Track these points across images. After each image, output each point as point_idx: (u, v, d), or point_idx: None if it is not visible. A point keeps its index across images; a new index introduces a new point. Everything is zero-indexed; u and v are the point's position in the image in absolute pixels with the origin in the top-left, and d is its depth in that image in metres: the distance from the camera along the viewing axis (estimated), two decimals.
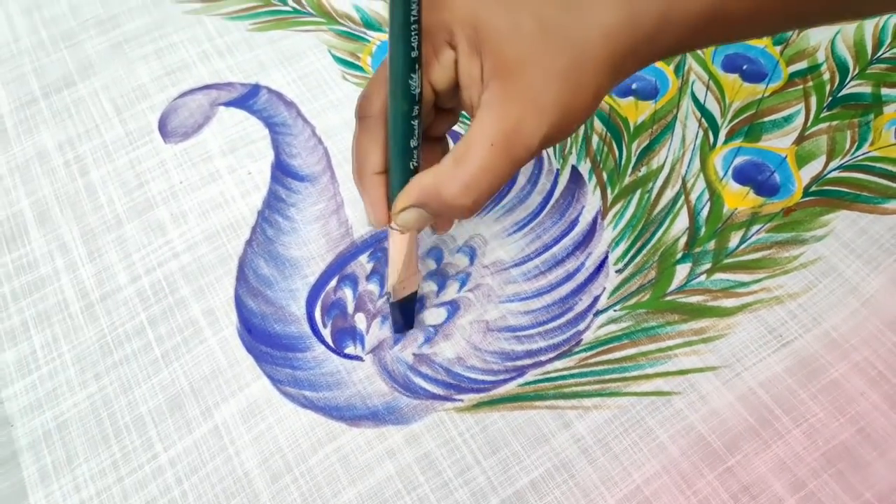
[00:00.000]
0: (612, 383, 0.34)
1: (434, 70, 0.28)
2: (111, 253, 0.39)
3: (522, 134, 0.26)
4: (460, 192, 0.27)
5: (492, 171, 0.26)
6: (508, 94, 0.26)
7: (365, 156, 0.30)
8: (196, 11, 0.50)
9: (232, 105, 0.45)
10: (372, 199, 0.30)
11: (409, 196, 0.28)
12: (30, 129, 0.45)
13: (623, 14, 0.26)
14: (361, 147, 0.30)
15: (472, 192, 0.27)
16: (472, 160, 0.26)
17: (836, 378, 0.33)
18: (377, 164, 0.30)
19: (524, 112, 0.26)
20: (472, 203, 0.27)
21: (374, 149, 0.30)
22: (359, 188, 0.31)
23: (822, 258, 0.37)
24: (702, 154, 0.41)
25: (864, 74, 0.44)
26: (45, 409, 0.34)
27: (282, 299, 0.36)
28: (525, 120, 0.26)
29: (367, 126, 0.29)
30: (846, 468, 0.31)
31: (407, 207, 0.29)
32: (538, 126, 0.26)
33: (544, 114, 0.26)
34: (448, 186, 0.27)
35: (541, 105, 0.26)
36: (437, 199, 0.27)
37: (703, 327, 0.35)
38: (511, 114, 0.26)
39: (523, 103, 0.26)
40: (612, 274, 0.37)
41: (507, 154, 0.26)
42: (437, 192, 0.27)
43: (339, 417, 0.33)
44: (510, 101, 0.26)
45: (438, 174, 0.27)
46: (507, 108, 0.26)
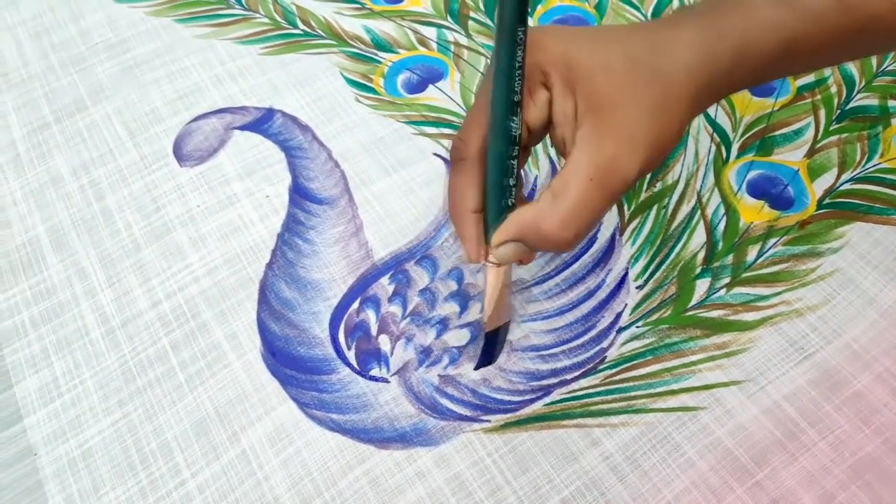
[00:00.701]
0: (638, 400, 0.34)
1: (529, 110, 0.29)
2: (130, 278, 0.39)
3: (619, 168, 0.27)
4: (560, 226, 0.27)
5: (590, 205, 0.27)
6: (603, 131, 0.27)
7: (461, 196, 0.31)
8: (207, 36, 0.51)
9: (247, 129, 0.45)
10: (469, 236, 0.31)
11: (507, 231, 0.29)
12: (43, 154, 0.45)
13: (703, 52, 0.27)
14: (458, 188, 0.31)
15: (572, 226, 0.27)
16: (570, 195, 0.27)
17: (859, 389, 0.34)
18: (474, 203, 0.31)
19: (619, 147, 0.27)
20: (572, 237, 0.28)
21: (470, 189, 0.30)
22: (456, 226, 0.32)
23: (838, 270, 0.37)
24: (715, 168, 0.41)
25: (870, 87, 0.45)
26: (68, 437, 0.34)
27: (305, 322, 0.36)
28: (620, 154, 0.27)
29: (463, 168, 0.30)
30: (873, 479, 0.31)
31: (505, 242, 0.29)
32: (633, 159, 0.27)
33: (638, 147, 0.27)
34: (548, 221, 0.28)
35: (634, 139, 0.27)
36: (536, 234, 0.28)
37: (726, 341, 0.35)
38: (607, 149, 0.27)
39: (618, 138, 0.27)
40: (632, 290, 0.37)
41: (604, 188, 0.27)
42: (537, 227, 0.28)
43: (367, 440, 0.33)
44: (605, 136, 0.27)
45: (538, 209, 0.28)
46: (602, 144, 0.27)
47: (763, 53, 0.28)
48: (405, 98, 0.46)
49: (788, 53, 0.28)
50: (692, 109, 0.28)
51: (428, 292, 0.37)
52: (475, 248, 0.31)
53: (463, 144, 0.30)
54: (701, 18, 0.28)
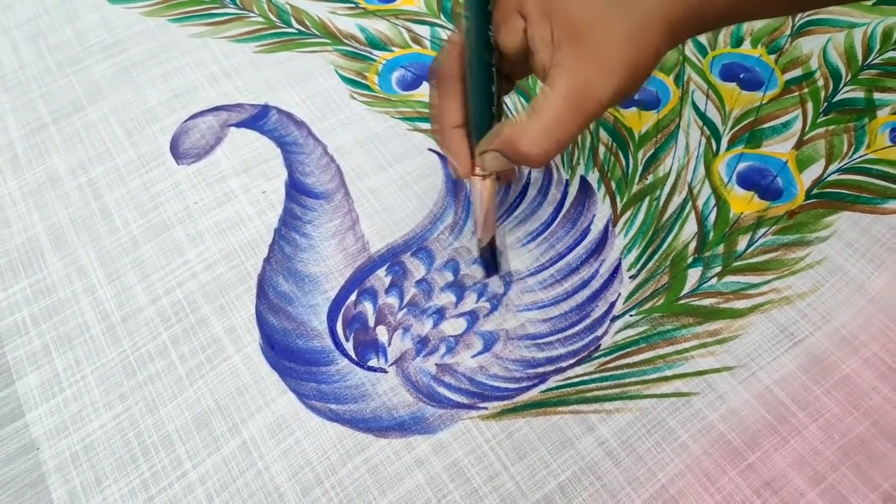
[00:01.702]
0: (632, 386, 0.34)
1: (502, 34, 0.30)
2: (130, 274, 0.39)
3: (594, 90, 0.28)
4: (533, 141, 0.29)
5: (564, 123, 0.29)
6: (579, 55, 0.28)
7: (445, 112, 0.32)
8: (201, 35, 0.51)
9: (243, 126, 0.45)
10: (455, 151, 0.33)
11: (490, 141, 0.31)
12: (41, 155, 0.45)
13: None
14: (441, 106, 0.32)
15: (544, 142, 0.29)
16: (546, 112, 0.29)
17: (847, 374, 0.34)
18: (457, 118, 0.32)
19: (594, 70, 0.28)
20: (542, 151, 0.29)
21: (452, 105, 0.32)
22: (441, 144, 0.33)
23: (827, 258, 0.38)
24: (706, 161, 0.42)
25: (856, 80, 0.46)
26: (70, 431, 0.34)
27: (303, 315, 0.37)
28: (596, 77, 0.28)
29: (445, 86, 0.32)
30: (863, 460, 0.32)
31: (488, 150, 0.31)
32: (608, 83, 0.28)
33: (613, 72, 0.28)
34: (523, 136, 0.29)
35: (610, 64, 0.28)
36: (513, 148, 0.30)
37: (718, 329, 0.36)
38: (583, 71, 0.28)
39: (594, 62, 0.28)
40: (626, 280, 0.38)
41: (578, 108, 0.28)
42: (514, 141, 0.29)
43: (366, 429, 0.34)
44: (581, 60, 0.28)
45: (516, 125, 0.30)
46: (578, 67, 0.28)
47: None
48: (400, 95, 0.47)
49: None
50: (667, 39, 0.29)
51: (424, 283, 0.38)
52: (464, 161, 0.32)
53: (442, 64, 0.32)
54: None
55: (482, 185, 0.33)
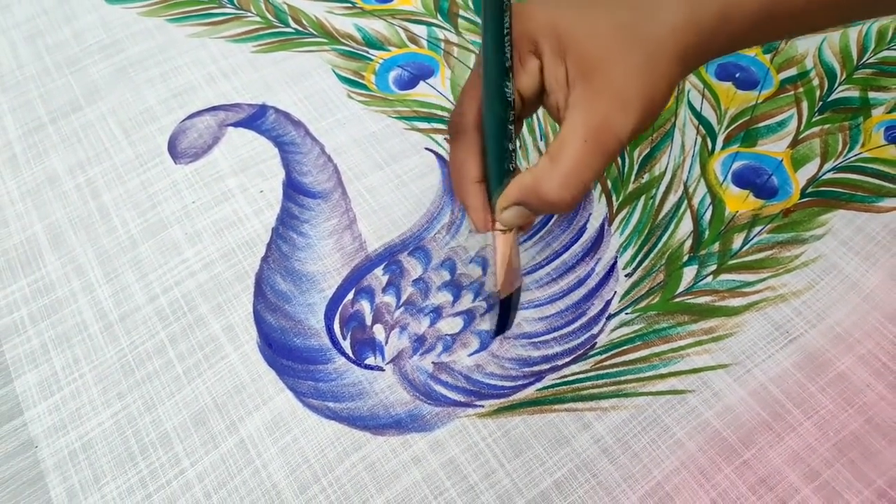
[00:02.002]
0: (627, 384, 0.34)
1: (521, 78, 0.30)
2: (127, 273, 0.40)
3: (612, 127, 0.28)
4: (559, 188, 0.28)
5: (587, 165, 0.28)
6: (594, 93, 0.28)
7: (463, 167, 0.31)
8: (199, 35, 0.51)
9: (240, 125, 0.46)
10: (475, 206, 0.32)
11: (510, 196, 0.30)
12: (39, 154, 0.45)
13: (687, 12, 0.28)
14: (459, 159, 0.32)
15: (570, 187, 0.28)
16: (567, 157, 0.28)
17: (842, 371, 0.34)
18: (476, 173, 0.31)
19: (611, 107, 0.28)
20: (570, 198, 0.28)
21: (471, 160, 0.31)
22: (461, 198, 0.32)
23: (822, 256, 0.38)
24: (701, 160, 0.42)
25: (851, 79, 0.46)
26: (69, 429, 0.35)
27: (300, 313, 0.37)
28: (612, 114, 0.28)
29: (463, 140, 0.31)
30: (857, 457, 0.32)
31: (509, 206, 0.30)
32: (626, 119, 0.28)
33: (629, 107, 0.28)
34: (547, 184, 0.28)
35: (625, 99, 0.28)
36: (536, 197, 0.29)
37: (713, 326, 0.36)
38: (599, 110, 0.28)
39: (609, 99, 0.28)
40: (621, 278, 0.38)
41: (599, 148, 0.28)
42: (537, 190, 0.29)
43: (363, 427, 0.34)
44: (597, 98, 0.28)
45: (537, 173, 0.29)
46: (594, 106, 0.28)
47: (746, 15, 0.29)
48: (396, 94, 0.47)
49: (770, 17, 0.29)
50: (680, 69, 0.29)
51: (421, 282, 0.38)
52: (482, 216, 0.32)
53: (460, 117, 0.31)
54: None
55: (503, 239, 0.32)
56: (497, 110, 0.29)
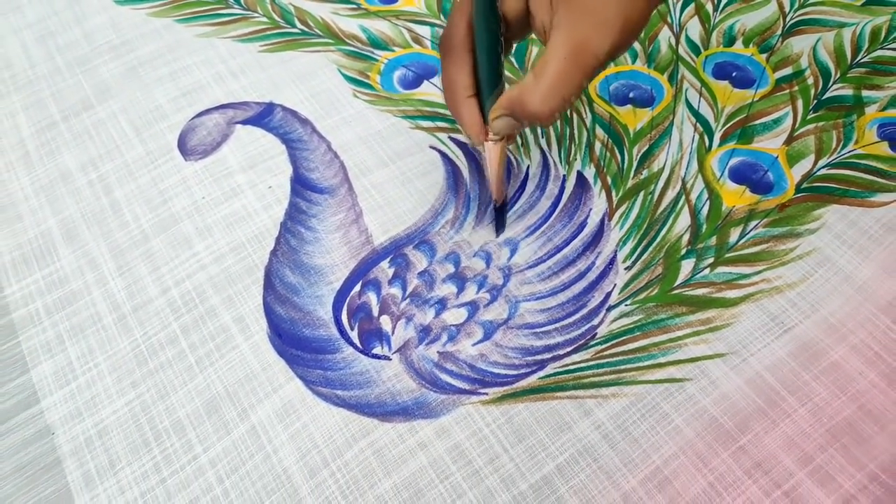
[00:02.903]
0: (627, 373, 0.36)
1: (506, 1, 0.32)
2: (140, 267, 0.41)
3: (591, 46, 0.30)
4: (541, 100, 0.31)
5: (567, 80, 0.30)
6: (575, 14, 0.30)
7: (456, 83, 0.34)
8: (207, 35, 0.52)
9: (248, 123, 0.47)
10: (468, 119, 0.34)
11: (500, 106, 0.33)
12: (52, 152, 0.46)
13: None
14: (451, 76, 0.34)
15: (551, 100, 0.31)
16: (549, 73, 0.30)
17: (835, 360, 0.36)
18: (468, 87, 0.34)
19: (590, 28, 0.30)
20: (550, 109, 0.31)
21: (463, 75, 0.34)
22: (454, 112, 0.35)
23: (816, 249, 0.39)
24: (699, 156, 0.43)
25: (845, 78, 0.47)
26: (84, 417, 0.36)
27: (309, 305, 0.38)
28: (592, 34, 0.30)
29: (453, 57, 0.33)
30: (850, 442, 0.33)
31: (499, 116, 0.33)
32: (604, 39, 0.30)
33: (608, 28, 0.30)
34: (530, 96, 0.31)
35: (604, 19, 0.30)
36: (521, 108, 0.31)
37: (710, 317, 0.37)
38: (580, 30, 0.30)
39: (589, 20, 0.30)
40: (621, 271, 0.39)
41: (578, 65, 0.30)
42: (522, 102, 0.31)
43: (370, 414, 0.35)
44: (578, 19, 0.30)
45: (522, 86, 0.31)
46: (575, 26, 0.30)
47: None
48: (401, 94, 0.48)
49: None
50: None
51: (426, 274, 0.39)
52: (477, 129, 0.34)
53: (450, 36, 0.33)
54: None
55: (495, 149, 0.35)
56: (490, 25, 0.31)
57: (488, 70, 0.33)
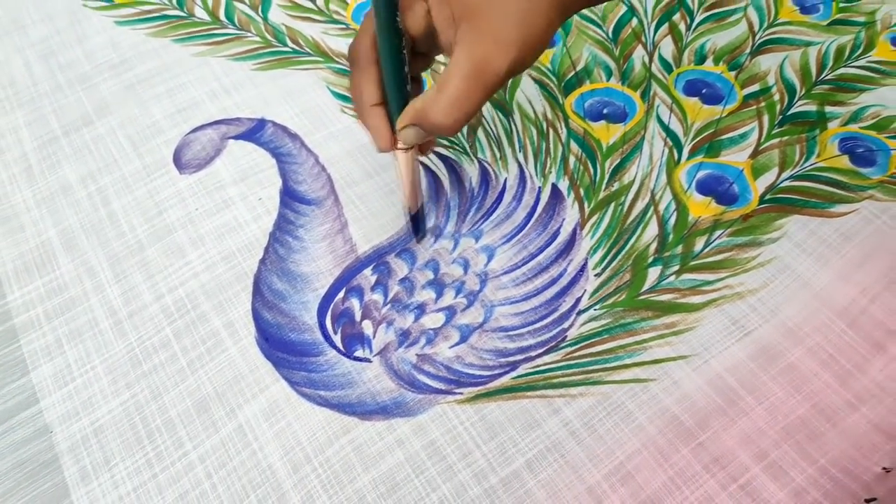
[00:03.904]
0: (594, 373, 0.38)
1: (409, 19, 0.33)
2: (136, 275, 0.43)
3: (491, 65, 0.31)
4: (443, 114, 0.32)
5: (467, 96, 0.32)
6: (476, 33, 0.31)
7: (362, 92, 0.35)
8: (202, 54, 0.55)
9: (241, 138, 0.49)
10: (375, 127, 0.35)
11: (406, 117, 0.34)
12: (53, 165, 0.49)
13: None
14: (358, 86, 0.35)
15: (452, 113, 0.32)
16: (450, 88, 0.32)
17: (792, 361, 0.38)
18: (374, 96, 0.35)
19: (490, 47, 0.31)
20: (452, 122, 0.32)
21: (368, 85, 0.35)
22: (362, 121, 0.36)
23: (777, 258, 0.41)
24: (668, 169, 0.46)
25: (809, 94, 0.50)
26: (81, 416, 0.38)
27: (295, 311, 0.40)
28: (492, 54, 0.31)
29: (360, 67, 0.35)
30: (803, 439, 0.35)
31: (407, 126, 0.34)
32: (503, 58, 0.31)
33: (507, 48, 0.31)
34: (433, 109, 0.32)
35: (503, 40, 0.31)
36: (426, 120, 0.33)
37: (674, 321, 0.39)
38: (480, 49, 0.31)
39: (489, 40, 0.31)
40: (591, 278, 0.41)
41: (478, 82, 0.31)
42: (426, 114, 0.33)
43: (351, 413, 0.37)
44: (478, 38, 0.31)
45: (426, 100, 0.33)
46: (475, 45, 0.31)
47: None
48: None
49: None
50: (559, 13, 0.32)
51: (407, 281, 0.41)
52: (383, 136, 0.35)
53: (357, 47, 0.34)
54: None
55: (404, 158, 0.37)
56: (391, 40, 0.33)
57: (393, 82, 0.34)
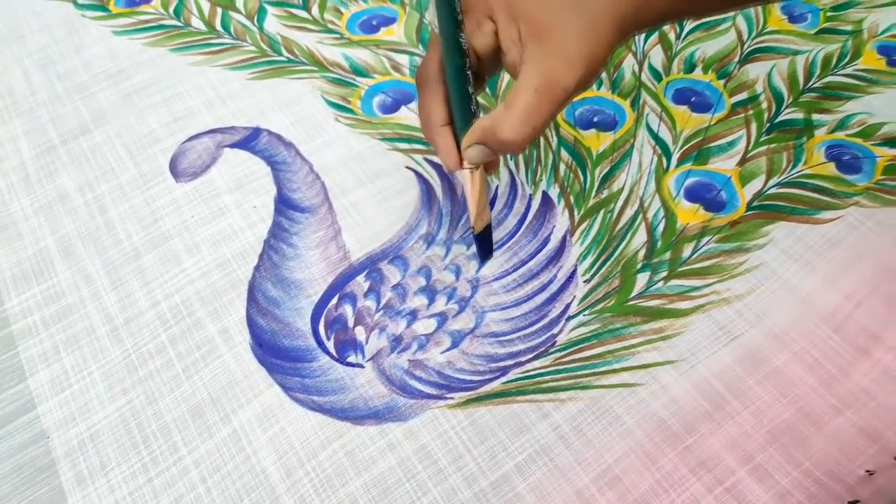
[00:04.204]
0: (583, 378, 0.38)
1: (476, 38, 0.35)
2: (132, 282, 0.43)
3: (559, 80, 0.33)
4: (512, 130, 0.33)
5: (536, 111, 0.33)
6: (544, 51, 0.33)
7: (430, 113, 0.36)
8: (199, 63, 0.56)
9: (236, 146, 0.50)
10: (443, 148, 0.37)
11: (473, 135, 0.35)
12: (51, 174, 0.49)
13: None
14: (426, 107, 0.36)
15: (522, 130, 0.33)
16: (520, 104, 0.33)
17: (778, 366, 0.38)
18: (442, 117, 0.36)
19: (558, 63, 0.33)
20: (521, 138, 0.33)
21: (437, 106, 0.36)
22: (431, 142, 0.37)
23: (763, 264, 0.42)
24: (657, 177, 0.46)
25: (797, 102, 0.50)
26: (78, 421, 0.38)
27: (289, 317, 0.41)
28: (559, 69, 0.33)
29: (427, 89, 0.36)
30: (788, 442, 0.36)
31: (472, 145, 0.35)
32: (571, 74, 0.33)
33: (574, 64, 0.33)
34: (502, 126, 0.33)
35: (570, 57, 0.33)
36: (494, 138, 0.34)
37: (662, 327, 0.40)
38: (548, 65, 0.33)
39: (557, 57, 0.33)
40: (580, 284, 0.42)
41: (548, 97, 0.33)
42: (494, 132, 0.34)
43: (344, 418, 0.37)
44: (546, 55, 0.33)
45: (494, 117, 0.34)
46: (544, 62, 0.33)
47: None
48: (380, 118, 0.51)
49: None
50: (618, 34, 0.34)
51: (399, 288, 0.42)
52: (452, 156, 0.36)
53: (424, 70, 0.36)
54: None
55: (470, 176, 0.37)
56: (455, 59, 0.34)
57: (458, 101, 0.36)
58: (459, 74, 0.35)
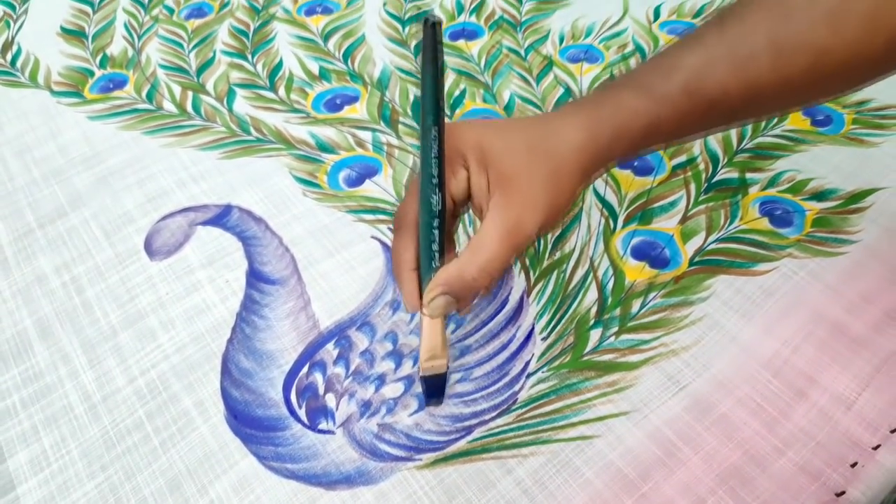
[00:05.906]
0: (544, 433, 0.40)
1: (452, 185, 0.37)
2: (109, 359, 0.45)
3: (522, 227, 0.35)
4: (479, 273, 0.35)
5: (501, 256, 0.35)
6: (509, 199, 0.35)
7: (402, 256, 0.38)
8: (171, 144, 0.59)
9: (208, 224, 0.52)
10: (408, 291, 0.38)
11: (435, 286, 0.36)
12: (28, 257, 0.51)
13: (586, 134, 0.36)
14: (398, 249, 0.38)
15: (488, 272, 0.35)
16: (485, 249, 0.35)
17: (724, 412, 0.41)
18: (411, 262, 0.38)
19: (522, 211, 0.35)
20: (489, 281, 0.35)
21: (407, 251, 0.38)
22: (398, 283, 0.38)
23: (707, 315, 0.45)
24: (605, 237, 0.50)
25: (731, 162, 0.54)
26: (58, 500, 0.39)
27: (261, 387, 0.43)
28: (523, 216, 0.35)
29: (403, 233, 0.38)
30: (736, 484, 0.38)
31: (435, 296, 0.36)
32: (534, 220, 0.35)
33: (536, 211, 0.35)
34: (469, 270, 0.35)
35: (533, 205, 0.35)
36: (460, 282, 0.35)
37: (615, 380, 0.42)
38: (513, 213, 0.35)
39: (521, 204, 0.35)
40: (538, 342, 0.44)
41: (511, 243, 0.35)
42: (460, 276, 0.35)
43: (317, 483, 0.39)
44: (511, 203, 0.35)
45: (460, 263, 0.36)
46: (509, 209, 0.35)
47: (633, 132, 0.36)
48: (346, 191, 0.54)
49: (653, 130, 0.37)
50: (581, 180, 0.36)
51: (367, 353, 0.44)
52: (413, 300, 0.38)
53: (403, 213, 0.38)
54: (583, 109, 0.37)
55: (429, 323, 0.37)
56: (425, 217, 0.36)
57: (426, 254, 0.37)
58: (427, 231, 0.36)
